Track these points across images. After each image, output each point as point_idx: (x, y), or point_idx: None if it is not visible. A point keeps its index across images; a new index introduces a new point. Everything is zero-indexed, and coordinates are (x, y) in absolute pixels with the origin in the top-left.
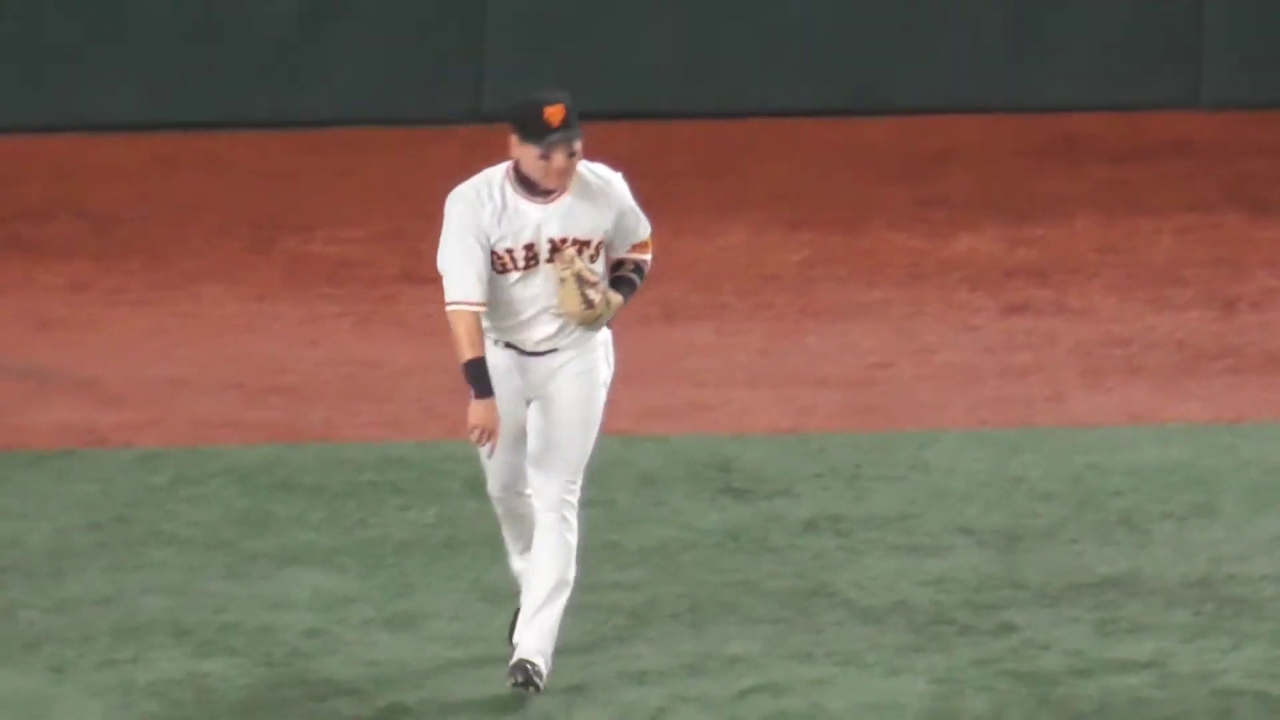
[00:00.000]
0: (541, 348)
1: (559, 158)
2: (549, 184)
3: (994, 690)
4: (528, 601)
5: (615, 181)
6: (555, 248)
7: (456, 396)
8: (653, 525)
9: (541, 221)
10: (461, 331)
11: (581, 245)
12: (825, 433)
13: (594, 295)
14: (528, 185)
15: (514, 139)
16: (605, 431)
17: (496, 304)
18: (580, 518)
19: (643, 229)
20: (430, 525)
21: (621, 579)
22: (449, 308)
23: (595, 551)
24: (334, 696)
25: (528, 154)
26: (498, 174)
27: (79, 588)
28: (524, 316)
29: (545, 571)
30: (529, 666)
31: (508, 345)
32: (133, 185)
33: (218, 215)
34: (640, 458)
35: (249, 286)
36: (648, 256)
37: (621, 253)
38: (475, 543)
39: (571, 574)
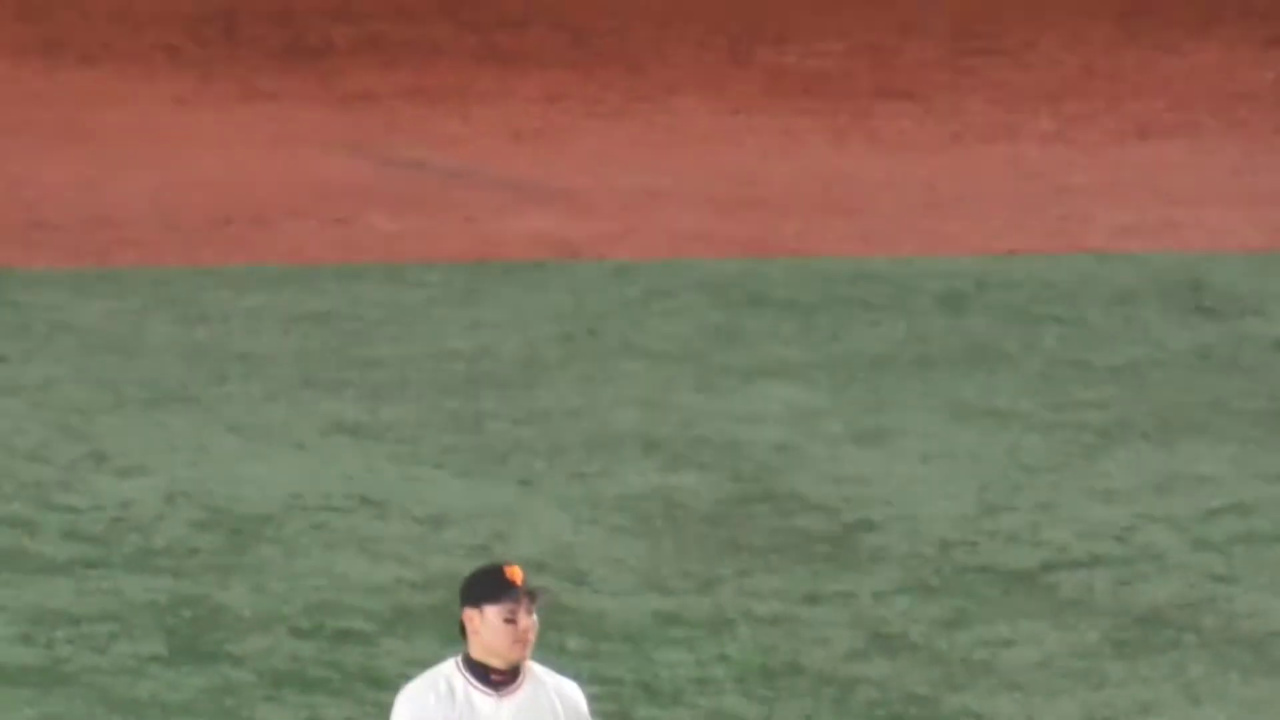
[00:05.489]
0: None
1: (524, 619)
2: (514, 654)
3: None
4: None
5: (570, 690)
6: None
7: (931, 211)
8: (1123, 344)
9: (493, 717)
10: None
11: None
12: None
13: None
14: (480, 674)
15: (472, 613)
16: (1077, 249)
17: None
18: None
19: None
20: (901, 341)
21: (1091, 396)
22: None
23: (1064, 369)
24: (802, 512)
25: (490, 621)
26: (447, 666)
27: (550, 399)
28: None
29: None
30: None
31: None
32: None
33: (696, 26)
34: (1112, 275)
35: (725, 99)
36: None
37: None
38: (947, 360)
39: None
